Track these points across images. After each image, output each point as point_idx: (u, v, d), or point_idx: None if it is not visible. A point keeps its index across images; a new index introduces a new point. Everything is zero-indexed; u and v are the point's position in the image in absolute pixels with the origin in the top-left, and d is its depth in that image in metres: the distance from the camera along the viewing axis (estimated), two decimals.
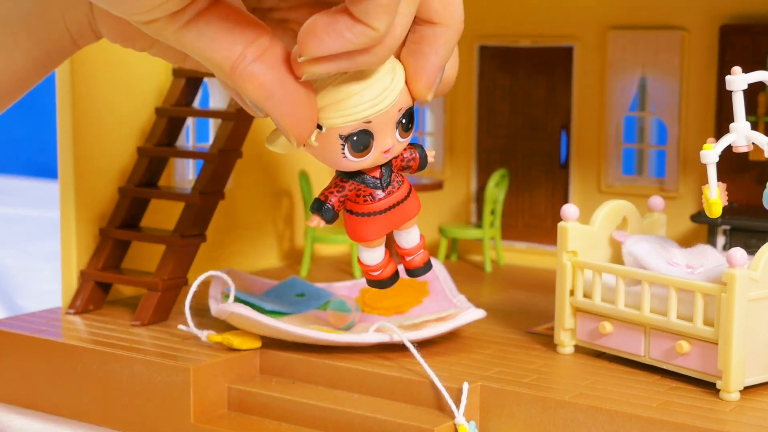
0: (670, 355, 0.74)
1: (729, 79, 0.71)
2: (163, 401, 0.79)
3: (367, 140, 0.62)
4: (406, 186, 0.69)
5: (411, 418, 0.72)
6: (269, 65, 0.57)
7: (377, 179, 0.67)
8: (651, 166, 1.13)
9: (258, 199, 1.13)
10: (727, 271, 0.70)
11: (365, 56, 0.56)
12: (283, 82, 0.58)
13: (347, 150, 0.62)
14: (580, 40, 1.13)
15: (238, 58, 0.56)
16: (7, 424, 0.83)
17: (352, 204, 0.68)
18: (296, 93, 0.58)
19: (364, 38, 0.54)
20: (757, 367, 0.71)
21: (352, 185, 0.67)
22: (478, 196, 1.21)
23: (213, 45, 0.56)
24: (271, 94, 0.57)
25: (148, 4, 0.55)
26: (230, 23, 0.57)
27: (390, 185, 0.67)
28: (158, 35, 0.57)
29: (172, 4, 0.55)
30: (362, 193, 0.67)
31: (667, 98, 1.08)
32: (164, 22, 0.56)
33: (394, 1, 0.53)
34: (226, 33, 0.57)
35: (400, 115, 0.62)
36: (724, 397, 0.71)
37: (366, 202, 0.67)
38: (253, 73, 0.57)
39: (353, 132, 0.61)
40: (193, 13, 0.56)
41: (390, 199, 0.68)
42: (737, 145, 0.72)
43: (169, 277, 0.91)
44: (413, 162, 0.69)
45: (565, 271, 0.80)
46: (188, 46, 0.57)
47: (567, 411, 0.71)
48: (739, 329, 0.70)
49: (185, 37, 0.56)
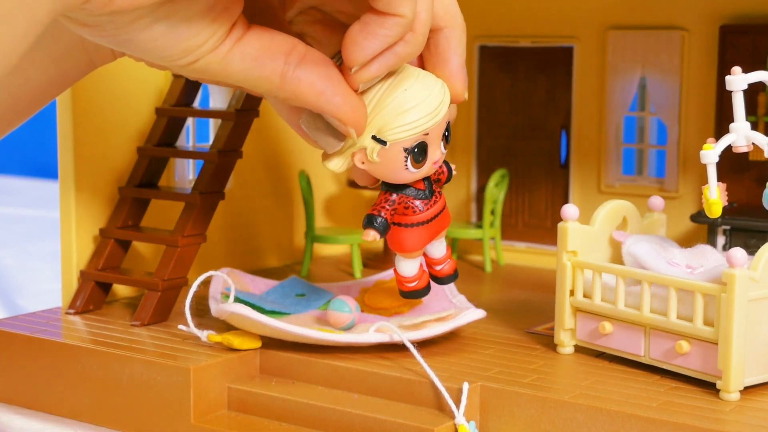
0: (670, 355, 0.74)
1: (729, 79, 0.71)
2: (163, 401, 0.79)
3: (425, 151, 0.65)
4: (443, 197, 0.71)
5: (411, 418, 0.72)
6: (313, 65, 0.60)
7: (422, 191, 0.70)
8: (651, 166, 1.13)
9: (258, 199, 1.13)
10: (727, 271, 0.70)
11: (403, 47, 0.59)
12: (330, 76, 0.61)
13: (410, 162, 0.65)
14: (580, 40, 1.13)
15: (284, 67, 0.60)
16: (7, 424, 0.83)
17: (398, 216, 0.70)
18: (344, 84, 0.62)
19: (398, 28, 0.58)
20: (757, 367, 0.71)
21: (400, 198, 0.70)
22: (478, 196, 1.21)
23: (257, 63, 0.60)
24: (323, 89, 0.61)
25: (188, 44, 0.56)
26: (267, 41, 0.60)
27: (433, 195, 0.70)
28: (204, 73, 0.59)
29: (213, 40, 0.58)
30: (410, 205, 0.69)
31: (667, 98, 1.08)
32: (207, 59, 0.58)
33: None
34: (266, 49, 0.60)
35: (445, 126, 0.66)
36: (724, 397, 0.71)
37: (414, 213, 0.70)
38: (300, 77, 0.60)
39: (415, 144, 0.64)
40: (233, 42, 0.58)
41: (433, 210, 0.70)
42: (737, 145, 0.72)
43: (169, 277, 0.91)
44: (443, 175, 0.72)
45: (565, 271, 0.80)
46: (234, 72, 0.60)
47: (567, 411, 0.71)
48: (739, 329, 0.70)
49: (230, 65, 0.59)
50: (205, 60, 0.58)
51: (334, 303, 0.84)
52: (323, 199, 1.22)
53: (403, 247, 0.71)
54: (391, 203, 0.69)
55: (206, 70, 0.59)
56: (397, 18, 0.57)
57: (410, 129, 0.64)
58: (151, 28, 0.54)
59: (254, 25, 0.60)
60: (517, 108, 1.18)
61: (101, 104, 0.96)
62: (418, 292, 0.74)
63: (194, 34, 0.56)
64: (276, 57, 0.60)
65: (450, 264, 0.74)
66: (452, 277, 0.74)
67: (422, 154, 0.65)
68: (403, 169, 0.65)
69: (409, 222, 0.70)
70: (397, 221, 0.70)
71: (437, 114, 0.64)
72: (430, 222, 0.70)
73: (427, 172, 0.67)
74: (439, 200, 0.70)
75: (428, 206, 0.70)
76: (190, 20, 0.55)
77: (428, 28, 0.61)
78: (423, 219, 0.70)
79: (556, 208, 1.15)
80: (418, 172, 0.66)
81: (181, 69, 0.59)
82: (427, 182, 0.70)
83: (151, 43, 0.55)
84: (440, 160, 0.67)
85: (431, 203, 0.70)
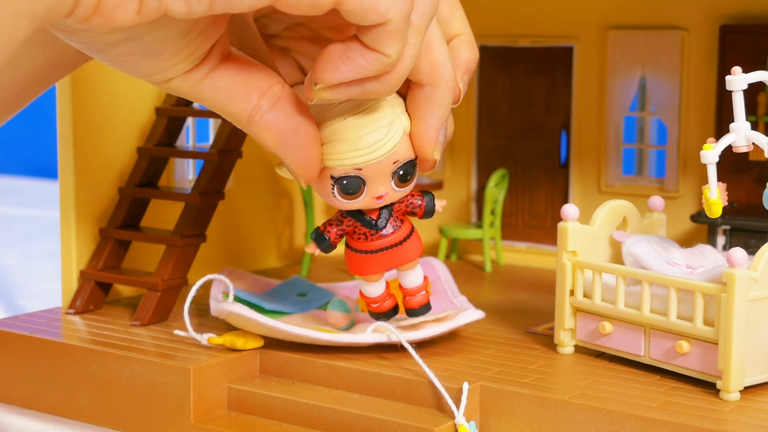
0: (670, 355, 0.74)
1: (729, 79, 0.71)
2: (163, 401, 0.79)
3: (356, 185, 0.64)
4: (405, 230, 0.70)
5: (411, 418, 0.72)
6: (284, 113, 0.59)
7: (373, 221, 0.68)
8: (651, 166, 1.13)
9: (258, 199, 1.13)
10: (727, 271, 0.70)
11: (375, 84, 0.57)
12: (297, 129, 0.60)
13: (336, 191, 0.64)
14: (580, 40, 1.13)
15: (253, 109, 0.59)
16: (7, 424, 0.83)
17: (349, 239, 0.70)
18: (308, 139, 0.61)
19: (377, 65, 0.56)
20: (757, 367, 0.71)
21: (350, 222, 0.69)
22: (478, 196, 1.21)
23: (229, 98, 0.59)
24: (286, 141, 0.60)
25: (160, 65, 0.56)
26: (244, 76, 0.59)
27: (385, 228, 0.68)
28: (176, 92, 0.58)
29: (185, 64, 0.57)
30: (358, 231, 0.69)
31: (667, 98, 1.08)
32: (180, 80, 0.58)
33: (402, 28, 0.55)
34: (241, 85, 0.59)
35: (396, 167, 0.64)
36: (724, 397, 0.71)
37: (360, 239, 0.69)
38: (268, 122, 0.59)
39: (344, 176, 0.63)
40: (207, 70, 0.58)
41: (383, 242, 0.69)
42: (737, 145, 0.72)
43: (169, 277, 0.91)
44: (419, 209, 0.70)
45: (565, 271, 0.80)
46: (205, 101, 0.59)
47: (567, 411, 0.71)
48: (739, 329, 0.70)
49: (201, 92, 0.58)
50: (176, 81, 0.57)
51: (333, 303, 0.84)
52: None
53: (354, 270, 0.71)
54: (340, 223, 0.69)
55: (179, 91, 0.58)
56: (381, 56, 0.55)
57: (337, 160, 0.62)
58: (124, 45, 0.53)
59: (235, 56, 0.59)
60: (517, 108, 1.18)
61: (101, 104, 0.96)
62: (379, 314, 0.74)
63: (168, 56, 0.55)
64: (249, 96, 0.58)
65: (421, 297, 0.73)
66: (420, 311, 0.73)
67: (352, 187, 0.63)
68: (332, 196, 0.64)
69: (357, 248, 0.69)
70: (348, 243, 0.70)
71: (371, 152, 0.62)
72: (377, 253, 0.69)
73: (366, 205, 0.65)
74: (397, 232, 0.69)
75: (375, 237, 0.68)
76: (164, 41, 0.54)
77: (405, 76, 0.58)
78: (370, 248, 0.69)
79: (556, 208, 1.15)
80: (350, 203, 0.65)
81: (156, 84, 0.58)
82: (385, 212, 0.68)
83: (125, 57, 0.55)
84: (388, 196, 0.65)
85: (379, 235, 0.68)
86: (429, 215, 0.71)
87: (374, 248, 0.69)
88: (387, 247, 0.69)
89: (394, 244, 0.69)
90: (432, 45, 0.61)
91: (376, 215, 0.68)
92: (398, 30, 0.54)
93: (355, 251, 0.70)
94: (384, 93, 0.58)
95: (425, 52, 0.61)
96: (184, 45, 0.55)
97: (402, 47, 0.56)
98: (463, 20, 0.72)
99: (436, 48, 0.62)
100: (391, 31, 0.54)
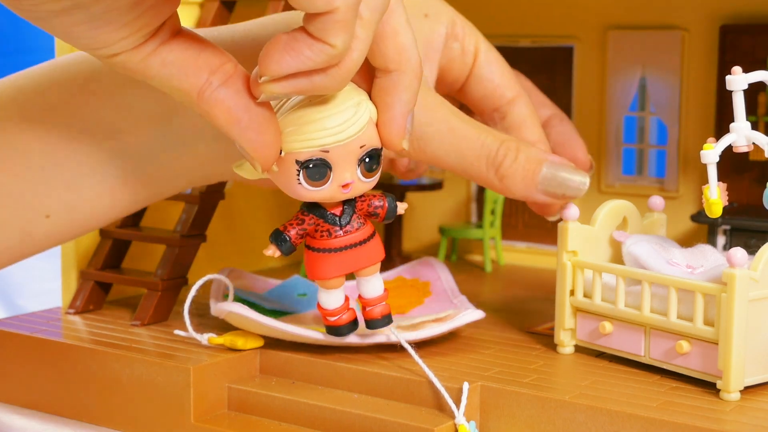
0: (671, 355, 0.74)
1: (729, 79, 0.71)
2: (163, 401, 0.79)
3: (323, 170, 0.62)
4: (367, 230, 0.68)
5: (411, 418, 0.72)
6: (235, 91, 0.57)
7: (337, 216, 0.67)
8: (651, 166, 1.13)
9: (258, 199, 1.13)
10: (727, 271, 0.70)
11: (322, 77, 0.56)
12: (249, 107, 0.58)
13: (302, 177, 0.62)
14: (580, 40, 1.13)
15: (204, 84, 0.57)
16: (7, 424, 0.83)
17: (310, 239, 0.68)
18: (262, 119, 0.58)
19: (323, 56, 0.54)
20: (758, 367, 0.71)
21: (311, 219, 0.67)
22: (478, 196, 1.20)
23: (179, 73, 0.57)
24: (238, 119, 0.57)
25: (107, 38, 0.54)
26: (194, 51, 0.57)
27: (349, 225, 0.67)
28: (123, 68, 0.57)
29: (133, 38, 0.55)
30: (320, 228, 0.67)
31: (667, 98, 1.08)
32: (127, 55, 0.56)
33: (350, 18, 0.53)
34: (191, 61, 0.57)
35: (362, 152, 0.62)
36: (725, 397, 0.71)
37: (322, 237, 0.67)
38: (219, 98, 0.57)
39: (310, 159, 0.61)
40: (156, 45, 0.56)
41: (347, 239, 0.67)
42: (737, 145, 0.72)
43: (169, 277, 0.91)
44: (381, 210, 0.68)
45: (565, 271, 0.80)
46: (154, 77, 0.57)
47: (567, 411, 0.71)
48: (739, 329, 0.70)
49: (149, 68, 0.56)
50: (124, 56, 0.55)
51: None
52: None
53: (314, 273, 0.68)
54: (301, 222, 0.67)
55: (126, 67, 0.56)
56: (327, 46, 0.54)
57: (302, 141, 0.60)
58: (69, 13, 0.52)
59: (186, 33, 0.57)
60: None
61: None
62: (338, 329, 0.71)
63: (115, 28, 0.53)
64: (199, 72, 0.57)
65: (382, 308, 0.71)
66: (380, 322, 0.71)
67: (318, 171, 0.61)
68: (296, 183, 0.62)
69: (318, 246, 0.67)
70: (308, 244, 0.67)
71: (339, 132, 0.61)
72: (342, 251, 0.67)
73: (332, 194, 0.63)
74: (361, 230, 0.67)
75: (342, 234, 0.66)
76: (111, 12, 0.53)
77: (354, 70, 0.57)
78: (332, 246, 0.67)
79: None
80: (316, 191, 0.62)
81: (102, 59, 0.56)
82: (348, 208, 0.66)
83: (70, 27, 0.53)
84: (355, 186, 0.63)
85: (345, 231, 0.66)
86: (391, 217, 0.69)
87: (336, 246, 0.67)
88: (349, 245, 0.67)
89: (357, 243, 0.67)
90: (398, 29, 0.60)
91: (339, 211, 0.67)
92: (345, 20, 0.53)
93: (316, 251, 0.68)
94: (332, 88, 0.57)
95: (391, 36, 0.60)
96: (133, 18, 0.53)
97: (348, 39, 0.54)
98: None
99: (403, 32, 0.60)
100: (338, 20, 0.53)
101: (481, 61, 0.85)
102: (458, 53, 0.84)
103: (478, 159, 0.76)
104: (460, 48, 0.83)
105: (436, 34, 0.82)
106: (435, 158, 0.76)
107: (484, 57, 0.85)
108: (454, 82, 0.85)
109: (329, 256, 0.68)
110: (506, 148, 0.76)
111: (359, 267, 0.69)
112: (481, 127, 0.77)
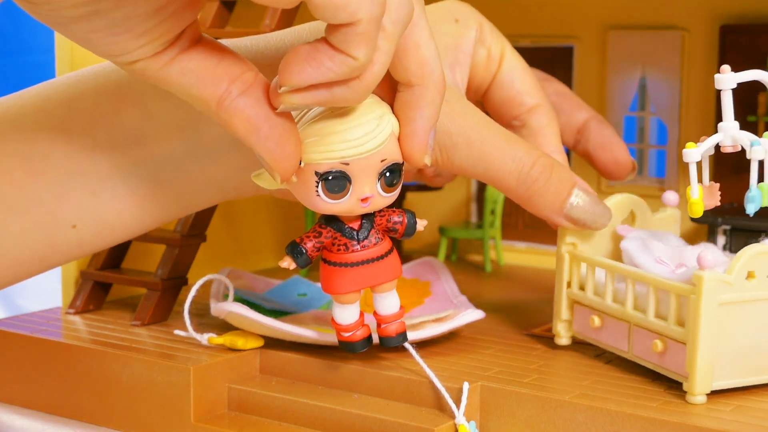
0: (649, 352, 0.74)
1: (718, 78, 0.70)
2: (163, 401, 0.79)
3: (343, 183, 0.61)
4: (385, 246, 0.67)
5: (411, 418, 0.72)
6: (255, 99, 0.56)
7: (354, 230, 0.65)
8: (651, 166, 1.13)
9: (258, 199, 1.13)
10: (697, 273, 0.69)
11: (343, 89, 0.55)
12: (269, 117, 0.57)
13: (321, 189, 0.61)
14: (580, 40, 1.13)
15: (223, 93, 0.56)
16: (7, 424, 0.83)
17: (327, 253, 0.66)
18: (282, 129, 0.57)
19: (345, 68, 0.53)
20: (729, 370, 0.70)
21: (329, 232, 0.65)
22: (478, 196, 1.21)
23: (198, 82, 0.56)
24: (258, 128, 0.57)
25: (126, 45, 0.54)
26: (214, 60, 0.56)
27: (366, 239, 0.66)
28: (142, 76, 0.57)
29: (152, 46, 0.55)
30: (337, 242, 0.65)
31: (667, 98, 1.08)
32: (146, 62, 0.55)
33: (372, 30, 0.53)
34: (211, 70, 0.56)
35: (383, 166, 0.61)
36: (690, 399, 0.70)
37: (339, 251, 0.66)
38: (238, 107, 0.56)
39: (330, 171, 0.60)
40: (176, 53, 0.56)
41: (364, 254, 0.66)
42: (723, 144, 0.72)
43: (169, 277, 0.91)
44: (400, 226, 0.67)
45: (563, 263, 0.80)
46: (173, 85, 0.57)
47: (567, 411, 0.71)
48: (707, 332, 0.69)
49: (169, 76, 0.56)
50: (143, 63, 0.55)
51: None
52: None
53: (330, 287, 0.67)
54: (318, 235, 0.66)
55: (145, 75, 0.56)
56: (348, 58, 0.53)
57: (322, 152, 0.59)
58: (89, 20, 0.52)
59: (206, 41, 0.57)
60: None
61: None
62: (352, 345, 0.70)
63: (134, 35, 0.53)
64: (218, 81, 0.56)
65: (397, 325, 0.70)
66: (395, 339, 0.70)
67: (338, 184, 0.60)
68: (315, 195, 0.61)
69: (335, 260, 0.66)
70: (324, 257, 0.66)
71: (360, 145, 0.60)
72: (358, 266, 0.66)
73: (351, 208, 0.62)
74: (378, 246, 0.66)
75: (359, 248, 0.65)
76: (131, 19, 0.52)
77: (375, 83, 0.56)
78: (349, 260, 0.65)
79: None
80: (334, 204, 0.61)
81: (121, 66, 0.56)
82: (367, 223, 0.65)
83: (90, 33, 0.53)
84: (374, 200, 0.62)
85: (362, 246, 0.65)
86: (410, 234, 0.67)
87: (353, 260, 0.66)
88: (367, 260, 0.66)
89: (375, 258, 0.66)
90: (421, 43, 0.59)
91: (357, 225, 0.65)
92: (367, 32, 0.52)
93: (332, 264, 0.66)
94: (353, 100, 0.56)
95: (414, 49, 0.59)
96: (153, 25, 0.53)
97: (370, 51, 0.53)
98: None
99: (425, 46, 0.59)
100: (360, 32, 0.52)
101: (505, 66, 0.83)
102: (484, 59, 0.82)
103: (509, 174, 0.74)
104: (486, 53, 0.82)
105: (467, 39, 0.81)
106: (462, 169, 0.74)
107: (508, 63, 0.83)
108: (478, 87, 0.84)
109: (345, 271, 0.66)
110: (541, 165, 0.75)
111: (375, 283, 0.67)
112: (512, 138, 0.75)
